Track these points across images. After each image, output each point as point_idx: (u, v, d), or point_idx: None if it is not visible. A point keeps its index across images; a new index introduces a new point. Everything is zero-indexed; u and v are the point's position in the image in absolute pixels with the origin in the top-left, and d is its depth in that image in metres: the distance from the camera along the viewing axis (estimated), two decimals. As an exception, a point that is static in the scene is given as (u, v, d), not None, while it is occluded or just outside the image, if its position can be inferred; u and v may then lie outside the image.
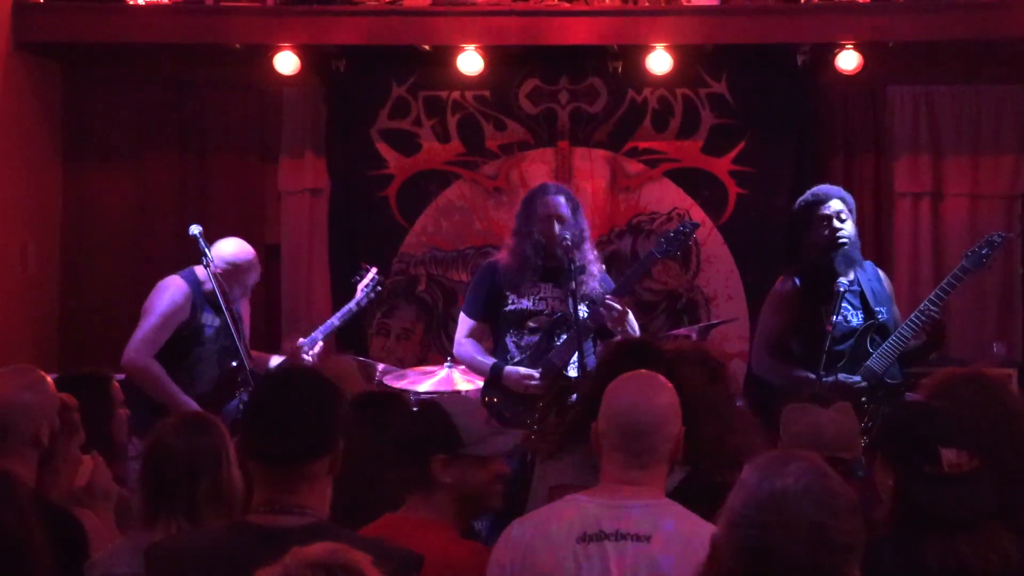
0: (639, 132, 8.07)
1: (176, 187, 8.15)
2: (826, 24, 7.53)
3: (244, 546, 2.55)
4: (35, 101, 7.79)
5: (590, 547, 2.93)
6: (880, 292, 5.63)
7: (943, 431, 2.76)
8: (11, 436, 3.37)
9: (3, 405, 3.38)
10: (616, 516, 2.95)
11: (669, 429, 3.04)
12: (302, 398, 2.71)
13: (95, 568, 3.20)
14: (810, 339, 5.50)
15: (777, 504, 2.12)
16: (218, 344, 5.88)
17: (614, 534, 2.93)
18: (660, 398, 3.07)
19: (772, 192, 7.94)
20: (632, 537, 2.92)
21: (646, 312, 7.99)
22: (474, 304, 5.83)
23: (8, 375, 3.52)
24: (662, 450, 3.03)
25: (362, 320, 8.02)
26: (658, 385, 3.12)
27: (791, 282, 5.67)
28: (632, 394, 3.08)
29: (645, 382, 3.14)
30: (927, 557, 2.66)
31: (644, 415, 3.02)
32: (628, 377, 3.17)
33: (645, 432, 3.01)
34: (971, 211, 7.90)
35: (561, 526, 2.99)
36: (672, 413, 3.07)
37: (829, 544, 2.10)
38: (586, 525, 2.96)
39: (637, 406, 3.04)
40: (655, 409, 3.04)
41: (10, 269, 7.50)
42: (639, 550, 2.90)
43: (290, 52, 7.70)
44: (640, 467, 3.01)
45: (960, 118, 7.89)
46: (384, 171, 8.10)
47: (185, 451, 3.23)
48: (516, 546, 3.02)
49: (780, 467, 2.17)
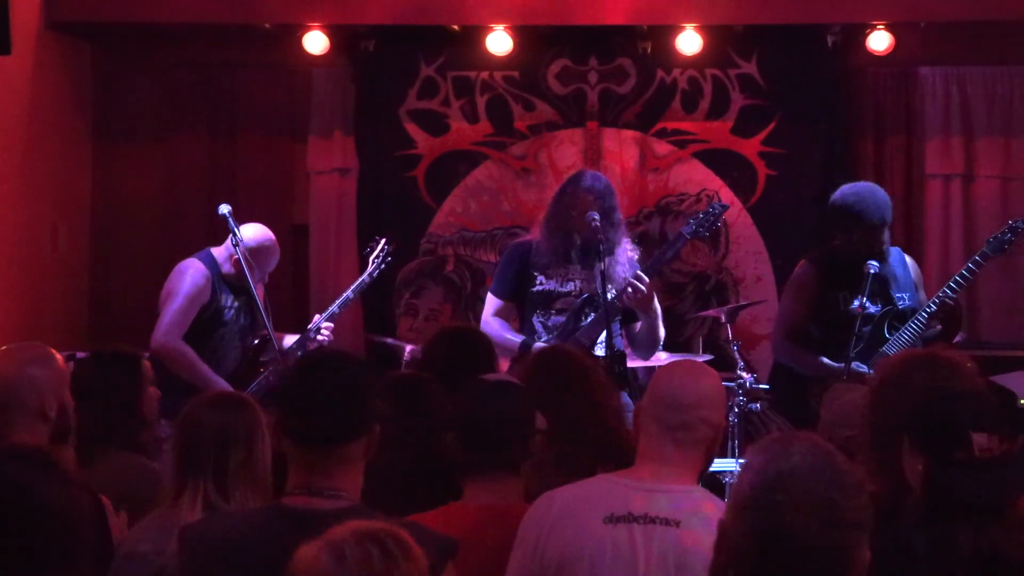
0: (668, 113, 8.04)
1: (205, 167, 8.18)
2: (857, 4, 7.48)
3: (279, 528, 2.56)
4: (65, 81, 7.82)
5: (617, 528, 2.90)
6: (903, 278, 5.59)
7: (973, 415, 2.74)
8: (15, 410, 3.37)
9: (7, 379, 3.40)
10: (646, 498, 2.93)
11: (709, 413, 3.04)
12: (338, 380, 2.73)
13: (120, 545, 3.22)
14: (829, 324, 5.48)
15: (785, 483, 2.11)
16: (239, 324, 5.90)
17: (643, 517, 2.90)
18: (705, 381, 3.10)
19: (802, 174, 7.91)
20: (661, 521, 2.89)
21: (674, 293, 7.98)
22: (502, 284, 5.82)
23: (13, 351, 3.54)
24: (699, 432, 3.02)
25: (390, 300, 8.04)
26: (705, 371, 3.16)
27: (810, 268, 5.66)
28: (679, 371, 3.14)
29: (693, 366, 3.19)
30: (960, 543, 2.64)
31: (685, 391, 3.04)
32: (680, 360, 3.26)
33: (684, 406, 3.01)
34: (1002, 193, 7.86)
35: (589, 503, 2.96)
36: (715, 400, 3.08)
37: (839, 522, 2.09)
38: (614, 505, 2.93)
39: (682, 383, 3.07)
40: (698, 388, 3.06)
41: (40, 249, 7.54)
42: (667, 535, 2.88)
43: (319, 32, 7.71)
44: (674, 443, 2.99)
45: (992, 99, 7.84)
46: (412, 151, 8.10)
47: (217, 424, 3.24)
48: (543, 521, 2.99)
49: (785, 447, 2.17)
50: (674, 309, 7.91)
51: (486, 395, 3.36)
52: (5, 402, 3.38)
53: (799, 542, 2.08)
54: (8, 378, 3.40)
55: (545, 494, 3.08)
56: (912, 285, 5.63)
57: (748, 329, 7.89)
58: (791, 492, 2.10)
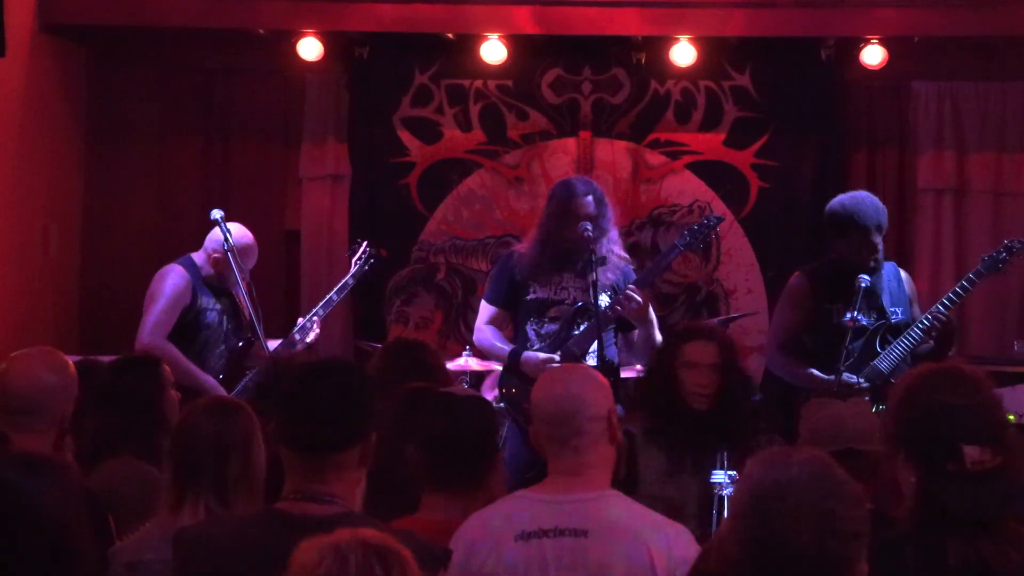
0: (661, 124, 8.05)
1: (198, 171, 8.18)
2: (851, 18, 7.50)
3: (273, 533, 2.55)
4: (59, 84, 7.80)
5: (529, 544, 2.93)
6: (897, 293, 5.60)
7: (966, 428, 2.74)
8: (42, 417, 3.43)
9: (40, 388, 3.45)
10: (554, 511, 2.95)
11: (593, 410, 3.05)
12: (335, 387, 2.73)
13: (122, 555, 3.18)
14: (822, 336, 5.48)
15: (783, 493, 2.11)
16: (222, 328, 5.93)
17: (552, 530, 2.92)
18: (576, 381, 3.11)
19: (794, 186, 7.93)
20: (570, 532, 2.91)
21: (665, 304, 7.98)
22: (495, 292, 5.83)
23: (36, 357, 3.55)
24: (592, 431, 3.03)
25: (381, 307, 8.04)
26: (576, 371, 3.20)
27: (804, 280, 5.66)
28: (549, 384, 3.13)
29: (561, 372, 3.25)
30: (949, 555, 2.64)
31: (564, 401, 3.05)
32: (548, 372, 3.29)
33: (568, 416, 3.02)
34: (994, 208, 7.88)
35: (503, 521, 2.99)
36: (593, 393, 3.08)
37: (836, 532, 2.09)
38: (525, 522, 2.96)
39: (553, 393, 3.08)
40: (573, 393, 3.06)
41: (32, 251, 7.53)
42: (576, 545, 2.90)
43: (313, 38, 7.70)
44: (575, 451, 3.01)
45: (985, 114, 7.86)
46: (405, 159, 8.10)
47: (214, 432, 3.23)
48: (462, 543, 3.00)
49: (784, 459, 2.17)
50: (665, 320, 7.90)
51: (450, 409, 3.35)
52: (27, 408, 3.42)
53: (795, 552, 2.08)
54: (31, 384, 3.43)
55: (473, 514, 3.09)
56: (906, 300, 5.63)
57: (739, 341, 7.84)
58: (787, 501, 2.10)
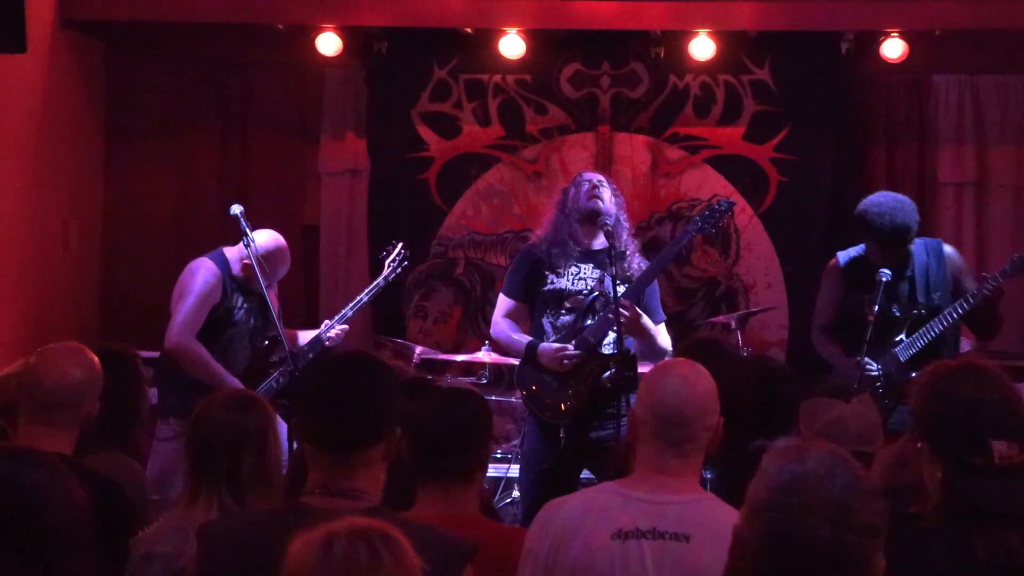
0: (680, 118, 8.04)
1: (217, 166, 8.20)
2: (871, 11, 7.48)
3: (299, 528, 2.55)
4: (78, 79, 7.82)
5: (627, 544, 2.88)
6: (936, 275, 5.52)
7: (994, 423, 2.73)
8: (69, 413, 3.43)
9: (68, 384, 3.44)
10: (653, 513, 2.89)
11: (710, 419, 3.00)
12: (359, 384, 2.70)
13: (139, 546, 3.22)
14: (851, 323, 5.49)
15: (800, 487, 2.10)
16: (249, 326, 5.88)
17: (651, 532, 2.87)
18: (702, 388, 3.02)
19: (814, 180, 7.91)
20: (671, 536, 2.86)
21: (685, 299, 7.97)
22: (513, 284, 5.81)
23: (66, 353, 3.54)
24: (701, 439, 2.98)
25: (400, 302, 8.04)
26: (700, 373, 3.07)
27: (838, 263, 5.69)
28: (675, 382, 3.02)
29: (687, 370, 3.08)
30: (976, 550, 2.63)
31: (687, 405, 2.96)
32: (669, 364, 3.13)
33: (686, 420, 2.95)
34: (1015, 202, 7.86)
35: (595, 518, 2.93)
36: (713, 403, 3.02)
37: (853, 526, 2.08)
38: (621, 521, 2.90)
39: (681, 396, 2.98)
40: (698, 398, 2.99)
41: (52, 247, 7.55)
42: (678, 550, 2.85)
43: (332, 33, 7.71)
44: (678, 456, 2.96)
45: (1006, 108, 7.84)
46: (424, 153, 8.10)
47: (231, 425, 3.24)
48: (550, 536, 2.95)
49: (801, 453, 2.16)
50: (684, 315, 7.91)
51: (443, 402, 3.35)
52: (55, 403, 3.41)
53: (812, 545, 2.07)
54: (60, 380, 3.43)
55: (549, 503, 3.05)
56: (946, 281, 5.55)
57: (758, 335, 7.88)
58: (805, 495, 2.09)
